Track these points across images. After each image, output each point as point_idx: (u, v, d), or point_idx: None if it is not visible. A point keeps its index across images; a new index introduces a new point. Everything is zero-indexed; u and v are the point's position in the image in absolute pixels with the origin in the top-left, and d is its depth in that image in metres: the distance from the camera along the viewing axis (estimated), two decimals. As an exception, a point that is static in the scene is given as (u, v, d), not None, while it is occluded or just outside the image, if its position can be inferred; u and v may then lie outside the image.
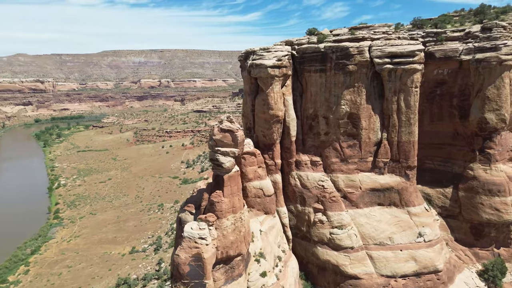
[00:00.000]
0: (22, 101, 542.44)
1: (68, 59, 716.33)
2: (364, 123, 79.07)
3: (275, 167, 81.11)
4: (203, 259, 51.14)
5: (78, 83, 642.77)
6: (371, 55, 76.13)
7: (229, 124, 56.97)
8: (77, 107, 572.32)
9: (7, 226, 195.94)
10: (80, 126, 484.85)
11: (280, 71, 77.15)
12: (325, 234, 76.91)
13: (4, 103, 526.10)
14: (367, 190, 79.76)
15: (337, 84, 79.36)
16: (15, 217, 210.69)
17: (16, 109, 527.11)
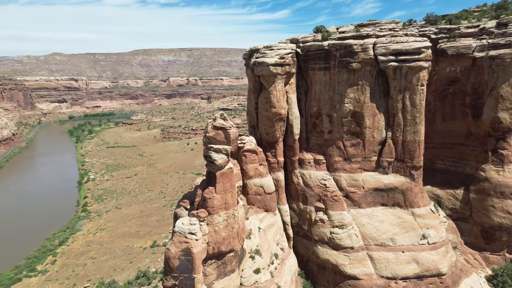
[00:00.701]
0: (57, 98, 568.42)
1: (101, 58, 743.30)
2: (368, 121, 77.82)
3: (277, 165, 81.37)
4: (192, 254, 52.38)
5: (110, 81, 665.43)
6: (375, 53, 74.77)
7: (222, 122, 57.87)
8: (108, 104, 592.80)
9: (39, 218, 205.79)
10: (111, 123, 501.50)
11: (282, 69, 77.23)
12: (326, 233, 76.46)
13: (41, 100, 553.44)
14: (370, 190, 78.51)
15: (341, 82, 78.50)
16: (46, 209, 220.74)
17: (52, 106, 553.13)
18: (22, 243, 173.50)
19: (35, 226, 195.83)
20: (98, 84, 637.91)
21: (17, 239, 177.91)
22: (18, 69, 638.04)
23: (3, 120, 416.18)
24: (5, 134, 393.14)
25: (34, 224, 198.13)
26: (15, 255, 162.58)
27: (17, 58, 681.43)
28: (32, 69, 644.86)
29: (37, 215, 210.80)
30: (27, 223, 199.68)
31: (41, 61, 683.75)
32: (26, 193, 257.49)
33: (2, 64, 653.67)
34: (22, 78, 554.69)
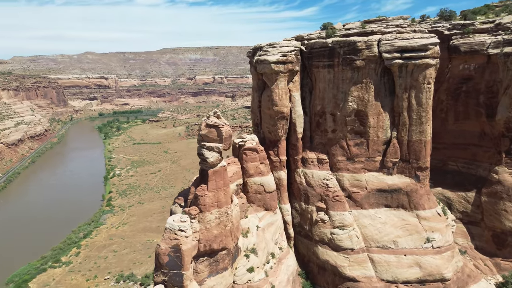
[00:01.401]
0: (89, 96, 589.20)
1: (130, 56, 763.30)
2: (372, 120, 75.91)
3: (279, 164, 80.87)
4: (181, 251, 52.94)
5: (138, 79, 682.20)
6: (380, 50, 72.74)
7: (215, 120, 58.11)
8: (136, 102, 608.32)
9: (67, 211, 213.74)
10: (138, 120, 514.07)
11: (285, 67, 76.56)
12: (326, 233, 75.35)
13: (73, 98, 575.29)
14: (373, 191, 76.64)
15: (345, 80, 76.96)
16: (74, 202, 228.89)
17: (83, 104, 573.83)
18: (50, 234, 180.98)
19: (63, 218, 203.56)
20: (127, 82, 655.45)
21: (46, 231, 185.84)
22: (53, 67, 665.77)
23: (37, 117, 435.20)
24: (38, 130, 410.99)
25: (61, 217, 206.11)
26: (43, 246, 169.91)
27: (52, 57, 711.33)
28: (66, 68, 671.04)
29: (65, 208, 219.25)
30: (56, 215, 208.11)
31: (74, 60, 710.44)
32: (56, 186, 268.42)
33: (38, 63, 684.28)
34: (55, 76, 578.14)
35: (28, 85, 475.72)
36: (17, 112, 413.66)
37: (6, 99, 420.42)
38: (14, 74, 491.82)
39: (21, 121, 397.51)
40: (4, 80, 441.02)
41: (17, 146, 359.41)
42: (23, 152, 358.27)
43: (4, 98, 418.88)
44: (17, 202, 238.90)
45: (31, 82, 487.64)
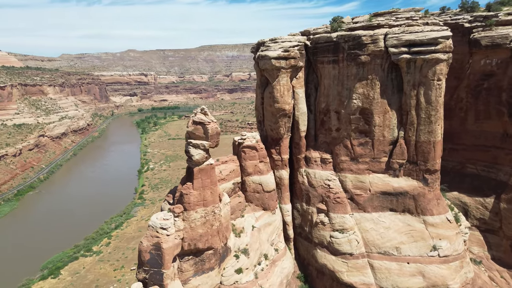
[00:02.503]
0: (129, 92, 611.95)
1: (170, 54, 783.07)
2: (378, 119, 71.79)
3: (281, 163, 78.72)
4: (162, 249, 52.66)
5: (177, 76, 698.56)
6: (386, 44, 68.48)
7: (201, 117, 57.18)
8: (174, 98, 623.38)
9: (101, 202, 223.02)
10: (175, 116, 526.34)
11: (287, 63, 74.12)
12: (325, 236, 72.42)
13: (115, 94, 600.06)
14: (377, 193, 72.59)
15: (350, 77, 73.33)
16: (108, 195, 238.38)
17: (124, 99, 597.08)
18: (84, 224, 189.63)
19: (97, 209, 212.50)
20: (166, 79, 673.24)
21: (81, 221, 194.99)
22: (97, 65, 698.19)
23: (80, 112, 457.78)
24: (81, 124, 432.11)
25: (96, 208, 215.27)
26: (77, 235, 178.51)
27: (97, 54, 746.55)
28: (109, 65, 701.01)
29: (100, 200, 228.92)
30: (91, 206, 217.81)
31: (117, 57, 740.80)
32: (94, 179, 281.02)
33: (84, 60, 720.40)
34: (99, 73, 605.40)
35: (73, 82, 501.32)
36: (62, 107, 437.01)
37: (52, 94, 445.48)
38: (60, 71, 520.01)
39: (65, 115, 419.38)
40: (51, 76, 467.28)
41: (60, 139, 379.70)
42: (66, 145, 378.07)
43: (50, 93, 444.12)
44: (57, 193, 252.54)
45: (76, 79, 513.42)
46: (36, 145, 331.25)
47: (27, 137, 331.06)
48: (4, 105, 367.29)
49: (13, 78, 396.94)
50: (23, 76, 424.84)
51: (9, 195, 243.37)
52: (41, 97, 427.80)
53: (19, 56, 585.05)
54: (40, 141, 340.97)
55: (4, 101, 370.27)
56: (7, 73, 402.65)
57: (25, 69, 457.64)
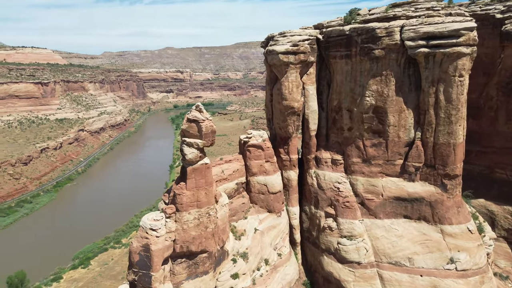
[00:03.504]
0: (165, 89, 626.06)
1: (206, 51, 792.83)
2: (392, 118, 66.36)
3: (289, 163, 75.03)
4: (151, 251, 50.92)
5: (212, 73, 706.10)
6: (402, 37, 62.94)
7: (195, 114, 54.91)
8: (208, 95, 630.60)
9: (133, 196, 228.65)
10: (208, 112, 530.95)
11: (296, 58, 70.14)
12: (333, 242, 68.11)
13: (152, 90, 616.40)
14: (390, 198, 67.25)
15: (363, 72, 68.35)
16: (140, 188, 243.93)
17: (160, 96, 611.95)
18: (116, 217, 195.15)
19: (129, 203, 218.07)
20: (201, 76, 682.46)
21: (113, 213, 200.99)
22: (136, 62, 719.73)
23: (118, 107, 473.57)
24: (119, 119, 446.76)
25: (128, 201, 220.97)
26: (108, 227, 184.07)
27: (136, 52, 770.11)
28: (147, 62, 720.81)
29: (132, 193, 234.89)
30: (124, 199, 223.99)
31: (155, 54, 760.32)
32: (128, 173, 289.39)
33: (124, 58, 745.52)
34: (137, 70, 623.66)
35: (112, 78, 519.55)
36: (101, 103, 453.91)
37: (92, 91, 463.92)
38: (101, 68, 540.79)
39: (104, 111, 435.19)
40: (92, 73, 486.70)
41: (98, 134, 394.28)
42: (103, 139, 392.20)
43: (90, 90, 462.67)
44: (93, 185, 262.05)
45: (115, 76, 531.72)
46: (75, 139, 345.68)
47: (68, 131, 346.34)
48: (48, 100, 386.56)
49: (56, 75, 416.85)
50: (66, 73, 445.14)
51: (48, 186, 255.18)
52: (82, 93, 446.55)
53: (64, 54, 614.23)
54: (79, 135, 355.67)
55: (48, 97, 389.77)
56: (51, 70, 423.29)
57: (68, 66, 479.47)
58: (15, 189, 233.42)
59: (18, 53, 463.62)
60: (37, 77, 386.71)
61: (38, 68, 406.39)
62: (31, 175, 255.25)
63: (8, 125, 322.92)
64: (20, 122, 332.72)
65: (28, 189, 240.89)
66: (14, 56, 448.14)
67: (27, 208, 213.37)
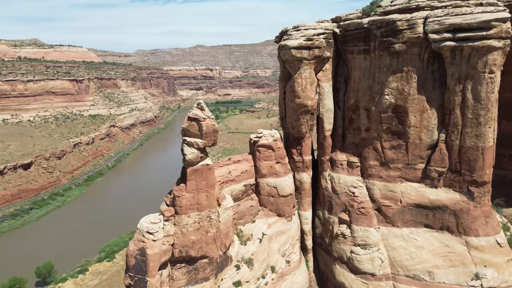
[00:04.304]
0: (195, 86, 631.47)
1: (235, 49, 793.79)
2: (414, 119, 60.90)
3: (302, 164, 70.95)
4: (146, 255, 48.76)
5: (241, 71, 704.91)
6: (425, 30, 57.38)
7: (196, 112, 52.10)
8: (237, 92, 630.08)
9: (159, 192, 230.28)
10: (236, 110, 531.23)
11: (310, 53, 65.93)
12: (346, 251, 63.58)
13: (182, 88, 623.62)
14: (409, 205, 61.87)
15: (382, 69, 63.21)
16: (166, 184, 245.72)
17: (190, 93, 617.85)
18: (141, 211, 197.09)
19: (155, 198, 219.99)
20: (231, 74, 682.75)
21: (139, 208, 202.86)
22: (168, 60, 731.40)
23: (149, 104, 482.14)
24: (149, 116, 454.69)
25: (154, 196, 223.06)
26: (134, 221, 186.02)
27: (168, 50, 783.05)
28: (179, 60, 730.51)
29: (158, 189, 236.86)
30: (149, 195, 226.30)
31: (186, 52, 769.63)
32: (155, 168, 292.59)
33: (156, 56, 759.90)
34: (168, 68, 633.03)
35: (143, 76, 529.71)
36: (133, 100, 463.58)
37: (124, 88, 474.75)
38: (133, 66, 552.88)
39: (135, 107, 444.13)
40: (124, 71, 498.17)
41: (129, 130, 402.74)
42: (134, 135, 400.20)
43: (123, 87, 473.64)
44: (122, 180, 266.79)
45: (147, 73, 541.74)
46: (107, 134, 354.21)
47: (100, 127, 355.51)
48: (82, 97, 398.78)
49: (90, 72, 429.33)
50: (100, 70, 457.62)
51: (80, 180, 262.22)
52: (115, 90, 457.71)
53: (99, 52, 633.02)
54: (111, 131, 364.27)
55: (82, 93, 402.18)
56: (86, 67, 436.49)
57: (102, 64, 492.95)
58: (49, 182, 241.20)
59: (56, 51, 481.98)
60: (72, 74, 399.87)
61: (74, 66, 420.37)
62: (64, 169, 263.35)
63: (45, 120, 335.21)
64: (55, 118, 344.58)
65: (60, 183, 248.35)
66: (52, 54, 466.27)
67: (59, 201, 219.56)
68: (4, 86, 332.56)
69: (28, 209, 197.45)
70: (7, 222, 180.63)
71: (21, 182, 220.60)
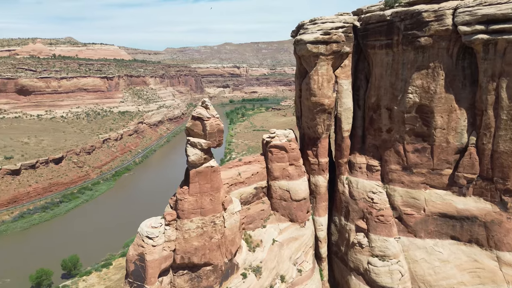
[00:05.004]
0: (222, 84, 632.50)
1: (263, 46, 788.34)
2: (440, 120, 55.38)
3: (318, 167, 66.66)
4: (145, 261, 46.31)
5: (268, 68, 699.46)
6: (455, 21, 51.81)
7: (200, 111, 49.11)
8: (264, 90, 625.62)
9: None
10: (263, 107, 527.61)
11: (327, 48, 61.44)
12: (362, 261, 58.94)
13: (209, 85, 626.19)
14: (434, 215, 56.46)
15: (406, 64, 57.94)
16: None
17: (217, 91, 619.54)
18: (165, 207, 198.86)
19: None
20: (258, 71, 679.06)
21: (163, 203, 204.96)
22: (196, 58, 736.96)
23: (176, 101, 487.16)
24: (176, 113, 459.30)
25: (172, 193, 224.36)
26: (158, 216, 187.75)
27: (197, 48, 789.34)
28: (207, 58, 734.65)
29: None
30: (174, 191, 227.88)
31: (214, 50, 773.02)
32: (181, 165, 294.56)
33: (185, 53, 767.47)
34: (196, 65, 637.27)
35: (172, 73, 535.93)
36: (161, 97, 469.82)
37: (153, 85, 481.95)
38: (162, 64, 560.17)
39: (163, 104, 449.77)
40: (153, 68, 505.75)
41: (157, 127, 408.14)
42: (161, 132, 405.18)
43: (151, 84, 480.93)
44: (149, 176, 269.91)
45: (175, 71, 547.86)
46: (135, 131, 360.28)
47: (128, 124, 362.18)
48: (112, 94, 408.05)
49: (120, 70, 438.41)
50: (129, 68, 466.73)
51: (108, 175, 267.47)
52: (143, 87, 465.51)
53: (130, 50, 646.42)
54: (139, 127, 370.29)
55: (112, 90, 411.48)
56: (116, 65, 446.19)
57: (132, 62, 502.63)
58: (78, 177, 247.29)
59: (89, 49, 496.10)
60: (103, 72, 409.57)
61: (105, 64, 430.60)
62: (93, 164, 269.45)
63: (77, 116, 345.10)
64: (87, 114, 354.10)
65: (89, 177, 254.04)
66: (85, 52, 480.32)
67: (87, 195, 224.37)
68: (39, 83, 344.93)
69: (58, 202, 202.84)
70: (38, 214, 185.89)
71: (52, 176, 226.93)
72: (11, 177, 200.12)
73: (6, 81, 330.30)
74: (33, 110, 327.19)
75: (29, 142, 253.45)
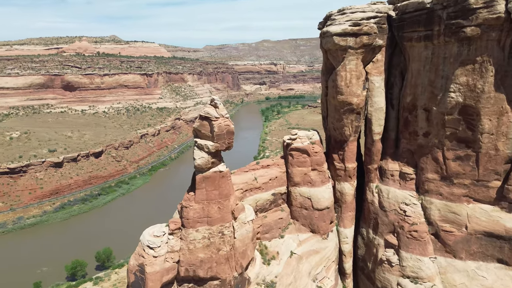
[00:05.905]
0: (259, 81, 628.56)
1: (301, 43, 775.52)
2: (488, 123, 47.36)
3: (344, 173, 60.22)
4: (145, 273, 42.70)
5: (306, 65, 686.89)
6: (508, 8, 43.71)
7: (208, 110, 44.52)
8: (300, 87, 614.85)
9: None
10: (299, 105, 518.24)
11: (357, 41, 54.91)
12: (391, 282, 52.08)
13: (246, 82, 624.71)
14: (477, 233, 48.56)
15: (448, 59, 50.22)
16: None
17: (254, 88, 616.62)
18: None
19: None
20: (295, 68, 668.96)
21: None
22: (234, 55, 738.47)
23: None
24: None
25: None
26: None
27: (235, 45, 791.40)
28: (244, 55, 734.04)
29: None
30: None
31: (252, 47, 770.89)
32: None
33: (223, 51, 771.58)
34: (233, 63, 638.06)
35: (209, 71, 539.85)
36: (198, 94, 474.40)
37: (190, 82, 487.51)
38: (200, 61, 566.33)
39: (200, 101, 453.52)
40: (191, 66, 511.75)
41: (193, 123, 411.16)
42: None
43: (189, 81, 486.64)
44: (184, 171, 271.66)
45: (212, 68, 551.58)
46: (172, 127, 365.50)
47: (166, 120, 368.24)
48: (151, 90, 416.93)
49: (159, 67, 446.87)
50: (168, 65, 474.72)
51: (144, 169, 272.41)
52: (181, 84, 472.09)
53: (170, 48, 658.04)
54: (176, 123, 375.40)
55: (151, 87, 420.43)
56: (156, 62, 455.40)
57: (171, 59, 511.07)
58: (116, 170, 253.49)
59: (131, 47, 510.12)
60: (143, 69, 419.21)
61: (145, 61, 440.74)
62: (130, 158, 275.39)
63: (117, 112, 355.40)
64: (127, 110, 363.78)
65: (127, 171, 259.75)
66: (127, 49, 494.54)
67: (124, 189, 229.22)
68: (83, 79, 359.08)
69: (97, 195, 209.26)
70: (77, 206, 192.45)
71: (92, 169, 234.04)
72: (54, 170, 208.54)
73: (53, 77, 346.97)
74: (78, 105, 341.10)
75: (72, 136, 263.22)
